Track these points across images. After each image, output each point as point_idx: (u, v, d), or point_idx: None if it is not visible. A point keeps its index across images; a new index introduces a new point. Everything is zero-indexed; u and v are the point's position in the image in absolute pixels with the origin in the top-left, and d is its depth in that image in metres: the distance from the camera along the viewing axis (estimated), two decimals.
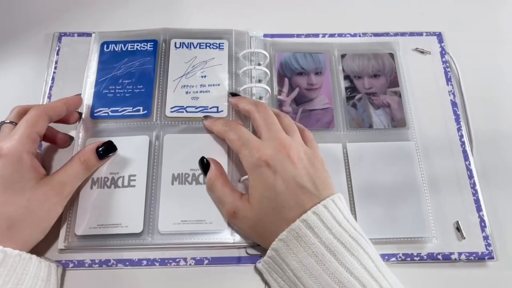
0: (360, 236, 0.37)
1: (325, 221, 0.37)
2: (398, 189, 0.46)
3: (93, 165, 0.43)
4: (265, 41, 0.54)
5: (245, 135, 0.42)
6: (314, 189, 0.39)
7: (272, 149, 0.40)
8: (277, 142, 0.40)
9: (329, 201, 0.38)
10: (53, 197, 0.39)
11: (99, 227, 0.42)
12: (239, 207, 0.40)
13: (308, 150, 0.42)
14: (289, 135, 0.42)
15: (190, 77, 0.50)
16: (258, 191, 0.40)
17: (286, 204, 0.38)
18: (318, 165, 0.41)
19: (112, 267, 0.42)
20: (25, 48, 0.54)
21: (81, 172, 0.42)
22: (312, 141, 0.44)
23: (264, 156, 0.39)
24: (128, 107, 0.48)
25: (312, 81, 0.52)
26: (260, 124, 0.42)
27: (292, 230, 0.37)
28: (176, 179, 0.45)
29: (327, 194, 0.39)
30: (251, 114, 0.43)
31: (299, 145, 0.41)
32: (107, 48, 0.51)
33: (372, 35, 0.55)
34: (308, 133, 0.44)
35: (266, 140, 0.41)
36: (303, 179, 0.39)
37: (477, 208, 0.46)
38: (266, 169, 0.39)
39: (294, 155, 0.40)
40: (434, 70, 0.54)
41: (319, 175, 0.40)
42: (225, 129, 0.43)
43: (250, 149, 0.40)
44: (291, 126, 0.43)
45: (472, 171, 0.48)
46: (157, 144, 0.46)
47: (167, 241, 0.43)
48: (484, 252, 0.44)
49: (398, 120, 0.50)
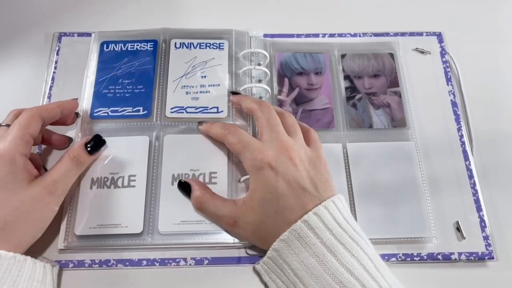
0: (359, 237, 0.38)
1: (326, 222, 0.37)
2: (398, 189, 0.46)
3: (84, 161, 0.42)
4: (265, 41, 0.54)
5: (245, 137, 0.42)
6: (315, 190, 0.39)
7: (274, 151, 0.40)
8: (279, 144, 0.40)
9: (330, 202, 0.38)
10: (46, 197, 0.39)
11: (99, 227, 0.42)
12: (238, 214, 0.40)
13: (309, 151, 0.42)
14: (292, 136, 0.42)
15: (190, 77, 0.50)
16: (260, 193, 0.39)
17: (288, 205, 0.38)
18: (319, 167, 0.41)
19: (112, 267, 0.42)
20: (25, 48, 0.54)
21: (72, 169, 0.41)
22: (316, 142, 0.43)
23: (266, 158, 0.39)
24: (128, 107, 0.48)
25: (312, 81, 0.52)
26: (263, 125, 0.42)
27: (293, 231, 0.37)
28: (176, 180, 0.45)
29: (328, 195, 0.39)
30: (254, 113, 0.43)
31: (301, 147, 0.41)
32: (107, 48, 0.51)
33: (372, 35, 0.55)
34: (312, 134, 0.44)
35: (268, 141, 0.41)
36: (304, 181, 0.39)
37: (477, 208, 0.46)
38: (269, 171, 0.39)
39: (295, 157, 0.40)
40: (434, 70, 0.54)
41: (320, 176, 0.40)
42: (223, 132, 0.43)
43: (251, 151, 0.40)
44: (294, 127, 0.43)
45: (472, 171, 0.48)
46: (157, 144, 0.46)
47: (167, 241, 0.43)
48: (484, 252, 0.44)
49: (398, 120, 0.50)
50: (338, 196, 0.39)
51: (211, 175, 0.45)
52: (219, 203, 0.41)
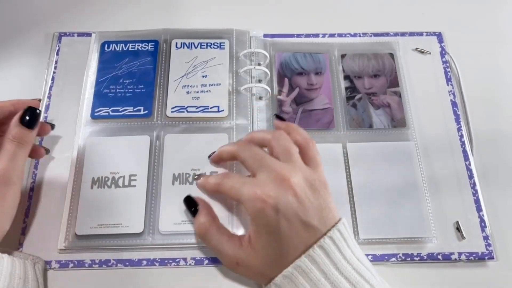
0: (365, 268, 0.36)
1: (331, 256, 0.35)
2: (398, 189, 0.46)
3: (26, 137, 0.39)
4: (265, 41, 0.54)
5: (237, 181, 0.39)
6: (319, 222, 0.36)
7: (271, 186, 0.36)
8: (274, 174, 0.37)
9: (335, 231, 0.36)
10: (1, 188, 0.37)
11: (100, 227, 0.42)
12: (241, 257, 0.38)
13: (309, 173, 0.38)
14: (287, 161, 0.38)
15: (191, 77, 0.50)
16: (262, 236, 0.37)
17: (291, 244, 0.36)
18: (321, 191, 0.38)
19: (112, 267, 0.42)
20: (25, 48, 0.54)
21: (17, 152, 0.38)
22: (315, 159, 0.40)
23: (264, 196, 0.36)
24: (128, 107, 0.48)
25: (312, 81, 0.52)
26: (250, 165, 0.39)
27: (297, 266, 0.35)
28: (177, 179, 0.45)
29: (331, 223, 0.37)
30: (237, 158, 0.41)
31: (298, 171, 0.38)
32: (108, 48, 0.51)
33: (372, 35, 0.55)
34: (310, 149, 0.40)
35: (261, 178, 0.37)
36: (307, 215, 0.36)
37: (477, 208, 0.46)
38: (268, 210, 0.36)
39: (295, 185, 0.36)
40: (434, 70, 0.54)
41: (322, 203, 0.37)
42: (218, 182, 0.41)
43: (248, 192, 0.37)
44: (287, 149, 0.39)
45: (472, 171, 0.48)
46: (157, 144, 0.46)
47: (167, 241, 0.43)
48: (484, 252, 0.44)
49: (398, 120, 0.50)
50: (342, 222, 0.37)
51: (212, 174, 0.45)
52: (225, 239, 0.39)
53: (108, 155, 0.46)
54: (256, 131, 0.42)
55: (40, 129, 0.42)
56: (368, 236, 0.44)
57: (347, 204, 0.45)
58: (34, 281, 0.38)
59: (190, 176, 0.45)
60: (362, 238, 0.44)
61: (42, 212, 0.44)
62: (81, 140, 0.46)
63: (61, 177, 0.45)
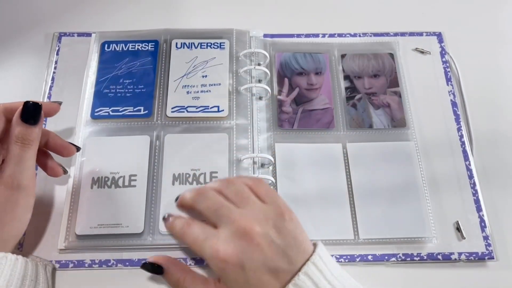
0: None
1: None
2: (398, 189, 0.46)
3: (30, 136, 0.37)
4: (265, 41, 0.54)
5: (202, 232, 0.36)
6: (288, 264, 0.34)
7: (232, 243, 0.34)
8: (235, 227, 0.34)
9: (309, 265, 0.34)
10: (10, 194, 0.37)
11: (100, 227, 0.42)
12: None
13: (267, 210, 0.36)
14: (242, 205, 0.36)
15: (191, 77, 0.50)
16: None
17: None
18: (287, 226, 0.35)
19: (112, 267, 0.42)
20: (25, 48, 0.54)
21: (23, 153, 0.37)
22: (268, 193, 0.37)
23: (226, 257, 0.34)
24: (129, 107, 0.48)
25: (312, 81, 0.52)
26: (208, 217, 0.36)
27: None
28: (177, 179, 0.45)
29: (305, 257, 0.35)
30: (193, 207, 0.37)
31: (257, 212, 0.35)
32: (108, 48, 0.51)
33: (372, 35, 0.55)
34: (260, 187, 0.37)
35: (223, 232, 0.35)
36: (274, 260, 0.34)
37: (477, 208, 0.46)
38: (233, 269, 0.34)
39: (258, 235, 0.34)
40: (434, 70, 0.54)
41: (288, 240, 0.35)
42: (182, 232, 0.37)
43: (210, 251, 0.34)
44: (239, 193, 0.37)
45: (472, 171, 0.48)
46: (158, 144, 0.46)
47: (167, 241, 0.43)
48: (484, 252, 0.44)
49: (398, 120, 0.50)
50: (316, 253, 0.35)
51: (212, 174, 0.45)
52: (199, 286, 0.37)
53: (108, 155, 0.46)
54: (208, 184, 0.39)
55: (49, 109, 0.41)
56: (368, 236, 0.44)
57: (347, 204, 0.45)
58: (44, 283, 0.39)
59: (190, 176, 0.45)
60: (362, 238, 0.44)
61: (42, 212, 0.44)
62: (81, 140, 0.46)
63: (61, 177, 0.45)
